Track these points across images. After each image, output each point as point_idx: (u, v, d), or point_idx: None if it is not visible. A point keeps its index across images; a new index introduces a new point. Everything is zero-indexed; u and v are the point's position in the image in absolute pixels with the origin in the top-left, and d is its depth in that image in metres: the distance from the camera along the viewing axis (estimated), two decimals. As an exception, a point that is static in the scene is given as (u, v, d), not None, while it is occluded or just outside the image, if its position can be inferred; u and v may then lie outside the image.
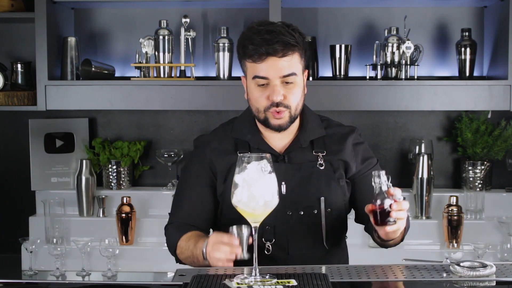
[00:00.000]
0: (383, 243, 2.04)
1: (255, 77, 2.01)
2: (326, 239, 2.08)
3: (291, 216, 2.05)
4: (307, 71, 2.10)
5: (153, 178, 3.54)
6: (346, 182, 2.12)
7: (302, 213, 2.05)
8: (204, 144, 2.15)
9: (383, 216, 1.80)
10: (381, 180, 1.79)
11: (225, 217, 2.09)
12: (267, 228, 2.03)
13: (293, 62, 2.00)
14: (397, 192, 1.80)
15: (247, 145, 2.09)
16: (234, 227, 1.82)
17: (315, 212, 2.06)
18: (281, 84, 2.00)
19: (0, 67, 3.33)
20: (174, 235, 2.11)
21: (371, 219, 1.84)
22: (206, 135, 2.22)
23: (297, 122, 2.10)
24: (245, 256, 1.82)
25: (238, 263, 1.84)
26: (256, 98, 2.04)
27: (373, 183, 1.80)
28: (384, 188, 1.79)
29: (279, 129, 2.05)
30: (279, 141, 2.11)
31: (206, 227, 2.14)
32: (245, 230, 1.82)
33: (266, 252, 2.01)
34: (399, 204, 1.79)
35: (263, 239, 2.04)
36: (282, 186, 2.03)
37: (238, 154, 1.76)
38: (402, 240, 2.08)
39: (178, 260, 2.12)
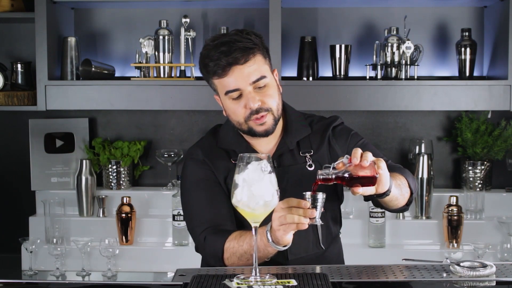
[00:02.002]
0: (391, 202, 1.95)
1: (227, 92, 2.00)
2: (323, 240, 2.08)
3: None
4: (276, 69, 2.08)
5: (153, 178, 3.54)
6: None
7: None
8: (196, 152, 2.13)
9: (360, 179, 1.73)
10: (329, 170, 1.74)
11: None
12: None
13: (258, 65, 1.98)
14: (342, 159, 1.75)
15: (236, 155, 2.06)
16: (308, 192, 1.74)
17: None
18: (254, 90, 1.98)
19: (0, 67, 3.33)
20: (216, 241, 1.99)
21: (365, 190, 1.76)
22: (195, 146, 2.17)
23: (280, 124, 2.09)
24: (318, 222, 1.74)
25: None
26: (234, 112, 2.02)
27: (329, 176, 1.74)
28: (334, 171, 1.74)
29: (266, 134, 2.04)
30: (266, 145, 2.10)
31: (235, 226, 2.05)
32: (320, 195, 1.73)
33: (265, 259, 1.95)
34: (354, 157, 1.72)
35: None
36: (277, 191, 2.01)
37: (239, 155, 1.75)
38: (412, 195, 2.01)
39: (222, 265, 1.99)
